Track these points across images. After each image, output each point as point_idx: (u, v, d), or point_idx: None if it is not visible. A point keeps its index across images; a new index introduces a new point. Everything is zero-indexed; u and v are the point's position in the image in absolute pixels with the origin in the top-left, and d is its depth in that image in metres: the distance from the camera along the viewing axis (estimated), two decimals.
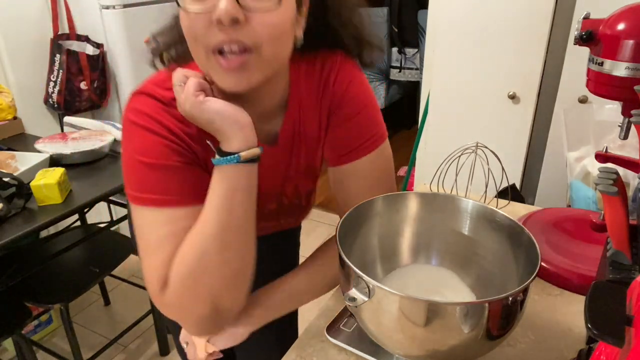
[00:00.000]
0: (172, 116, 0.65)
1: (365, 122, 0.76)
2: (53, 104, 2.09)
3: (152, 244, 0.64)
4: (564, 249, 0.86)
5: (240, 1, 0.56)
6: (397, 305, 0.53)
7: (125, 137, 0.66)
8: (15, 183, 1.31)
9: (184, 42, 0.64)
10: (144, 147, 0.64)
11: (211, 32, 0.57)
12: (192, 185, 0.65)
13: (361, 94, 0.76)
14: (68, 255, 1.70)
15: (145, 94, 0.66)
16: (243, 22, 0.57)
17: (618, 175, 0.54)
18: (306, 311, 0.88)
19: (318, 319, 0.77)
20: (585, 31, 0.67)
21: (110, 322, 2.06)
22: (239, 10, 0.56)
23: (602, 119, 1.14)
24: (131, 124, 0.65)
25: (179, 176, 0.64)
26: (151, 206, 0.64)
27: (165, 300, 0.64)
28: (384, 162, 0.79)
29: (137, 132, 0.64)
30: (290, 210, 0.87)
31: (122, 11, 2.01)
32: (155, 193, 0.63)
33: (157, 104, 0.65)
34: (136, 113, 0.65)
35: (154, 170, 0.63)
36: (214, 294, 0.64)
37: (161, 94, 0.65)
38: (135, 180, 0.65)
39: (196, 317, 0.66)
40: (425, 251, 0.74)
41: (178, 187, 0.64)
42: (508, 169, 0.93)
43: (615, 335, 0.35)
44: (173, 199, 0.64)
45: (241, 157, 0.60)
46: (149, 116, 0.64)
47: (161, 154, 0.63)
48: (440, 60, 1.74)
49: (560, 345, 0.70)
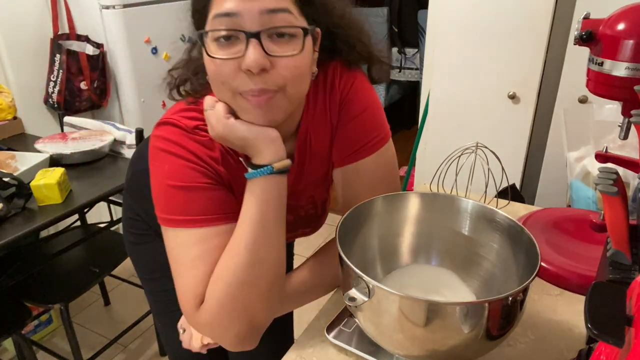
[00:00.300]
0: (196, 142, 0.68)
1: (370, 122, 0.77)
2: (53, 104, 2.08)
3: (185, 264, 0.67)
4: (564, 249, 0.86)
5: (267, 50, 0.59)
6: (397, 305, 0.53)
7: (154, 163, 0.69)
8: (15, 183, 1.31)
9: (199, 76, 0.69)
10: (172, 171, 0.67)
11: (238, 77, 0.61)
12: (220, 205, 0.68)
13: (365, 94, 0.77)
14: (68, 255, 1.70)
15: (169, 124, 0.69)
16: (269, 68, 0.60)
17: (618, 175, 0.54)
18: (306, 311, 0.88)
19: (318, 319, 0.77)
20: (585, 31, 0.67)
21: (110, 322, 2.06)
22: (266, 60, 0.59)
23: (602, 119, 1.14)
24: (159, 151, 0.68)
25: (207, 197, 0.67)
26: (182, 227, 0.66)
27: (201, 319, 0.66)
28: (388, 162, 0.79)
29: (165, 157, 0.67)
30: (306, 220, 0.88)
31: (122, 11, 2.01)
32: (185, 214, 0.66)
33: (181, 132, 0.68)
34: (163, 140, 0.68)
35: (183, 192, 0.66)
36: (249, 309, 0.66)
37: (185, 123, 0.68)
38: (165, 203, 0.68)
39: (233, 333, 0.67)
40: (425, 251, 0.74)
41: (206, 207, 0.67)
42: (508, 169, 0.93)
43: (615, 335, 0.35)
44: (202, 219, 0.66)
45: (274, 168, 0.64)
46: (175, 143, 0.67)
47: (188, 176, 0.66)
48: (440, 60, 1.74)
49: (560, 345, 0.70)
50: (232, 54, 0.60)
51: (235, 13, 0.58)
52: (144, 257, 0.99)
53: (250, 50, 0.58)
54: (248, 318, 0.67)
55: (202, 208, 0.66)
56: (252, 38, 0.58)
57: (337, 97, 0.76)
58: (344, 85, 0.75)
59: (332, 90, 0.75)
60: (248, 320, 0.67)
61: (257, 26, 0.59)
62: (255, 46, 0.58)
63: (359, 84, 0.76)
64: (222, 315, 0.65)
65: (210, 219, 0.66)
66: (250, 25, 0.59)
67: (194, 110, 0.70)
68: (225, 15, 0.59)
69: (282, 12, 0.60)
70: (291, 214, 0.83)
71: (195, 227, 0.66)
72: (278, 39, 0.60)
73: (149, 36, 2.11)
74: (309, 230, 0.92)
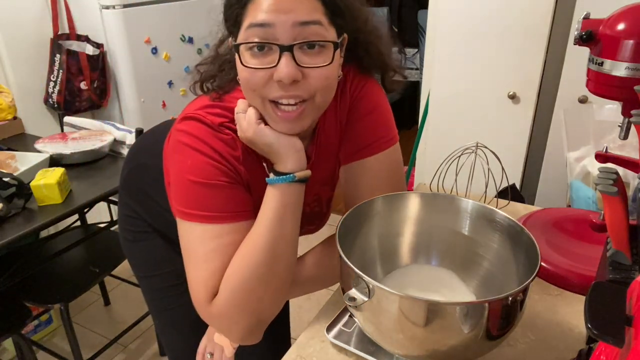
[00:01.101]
0: (220, 140, 0.69)
1: (378, 122, 0.79)
2: (53, 104, 2.08)
3: (200, 257, 0.68)
4: (564, 249, 0.86)
5: (299, 61, 0.62)
6: (397, 305, 0.53)
7: (177, 157, 0.70)
8: (15, 183, 1.31)
9: (224, 73, 0.71)
10: (194, 167, 0.68)
11: (270, 86, 0.63)
12: (237, 203, 0.70)
13: (375, 96, 0.79)
14: (68, 255, 1.70)
15: (195, 119, 0.70)
16: (300, 79, 0.62)
17: (618, 175, 0.54)
18: (306, 311, 0.88)
19: (318, 319, 0.77)
20: (585, 31, 0.67)
21: (110, 322, 2.06)
22: (298, 72, 0.62)
23: (602, 119, 1.14)
24: (184, 146, 0.69)
25: (226, 194, 0.69)
26: (199, 222, 0.68)
27: (212, 311, 0.68)
28: (393, 164, 0.80)
29: (189, 152, 0.69)
30: (311, 217, 0.89)
31: (122, 11, 2.01)
32: (203, 210, 0.68)
33: (206, 129, 0.69)
34: (188, 136, 0.69)
35: (203, 188, 0.68)
36: (260, 305, 0.69)
37: (210, 119, 0.69)
38: (184, 198, 0.69)
39: (241, 327, 0.70)
40: (425, 251, 0.74)
41: (224, 204, 0.68)
42: (508, 169, 0.93)
43: (615, 335, 0.35)
44: (220, 216, 0.68)
45: (296, 176, 0.68)
46: (200, 139, 0.69)
47: (210, 173, 0.68)
48: (440, 60, 1.74)
49: (560, 345, 0.70)
50: (265, 64, 0.62)
51: (269, 24, 0.60)
52: (141, 255, 0.99)
53: (283, 62, 0.61)
54: (258, 313, 0.69)
55: (220, 205, 0.68)
56: (286, 51, 0.61)
57: (347, 101, 0.77)
58: (355, 87, 0.77)
59: (343, 93, 0.77)
60: (257, 315, 0.69)
61: (290, 39, 0.61)
62: (288, 58, 0.61)
63: (370, 87, 0.78)
64: (234, 308, 0.67)
65: (227, 216, 0.68)
66: (283, 36, 0.61)
67: (218, 107, 0.71)
68: (260, 26, 0.61)
69: (314, 24, 0.62)
70: None
71: (212, 223, 0.68)
72: (309, 49, 0.62)
73: (149, 36, 2.11)
74: (313, 227, 0.92)
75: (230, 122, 0.70)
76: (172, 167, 0.72)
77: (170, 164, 0.73)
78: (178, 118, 0.72)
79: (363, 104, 0.77)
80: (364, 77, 0.78)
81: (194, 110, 0.71)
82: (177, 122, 0.72)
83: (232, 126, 0.70)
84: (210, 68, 0.74)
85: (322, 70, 0.64)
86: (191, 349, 0.89)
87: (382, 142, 0.78)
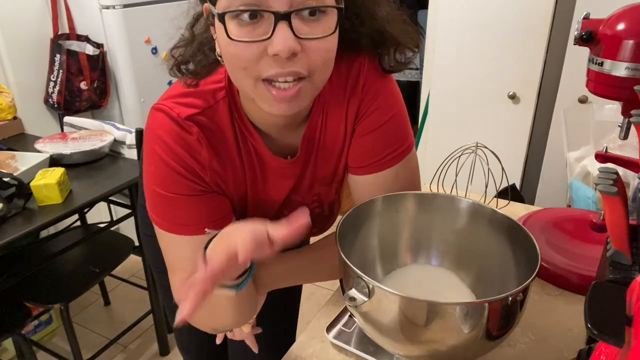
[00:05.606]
0: (183, 144, 0.63)
1: (392, 132, 0.72)
2: (53, 104, 2.08)
3: (175, 264, 0.68)
4: (564, 249, 0.86)
5: (297, 32, 0.52)
6: (397, 305, 0.53)
7: (145, 158, 0.67)
8: (15, 183, 1.31)
9: (201, 55, 0.63)
10: (157, 176, 0.65)
11: (264, 62, 0.54)
12: (206, 213, 0.66)
13: (390, 102, 0.71)
14: (68, 255, 1.70)
15: (163, 111, 0.64)
16: (299, 52, 0.53)
17: (618, 175, 0.54)
18: (306, 311, 0.88)
19: (318, 319, 0.77)
20: (585, 31, 0.67)
21: (110, 322, 2.06)
22: (297, 44, 0.52)
23: (602, 119, 1.14)
24: (149, 148, 0.65)
25: (190, 207, 0.65)
26: (166, 230, 0.66)
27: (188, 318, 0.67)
28: (409, 174, 0.76)
29: (153, 158, 0.65)
30: (312, 220, 0.86)
31: (122, 11, 2.01)
32: (171, 222, 0.65)
33: (172, 126, 0.63)
34: (154, 138, 0.64)
35: (168, 201, 0.65)
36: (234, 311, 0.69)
37: (177, 112, 0.64)
38: (153, 206, 0.67)
39: (223, 325, 0.73)
40: (425, 251, 0.74)
41: (190, 216, 0.65)
42: (508, 169, 0.93)
43: (615, 335, 0.35)
44: (187, 228, 0.65)
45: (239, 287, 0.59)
46: (164, 142, 0.63)
47: (172, 186, 0.64)
48: (440, 60, 1.74)
49: (560, 345, 0.70)
50: (257, 36, 0.52)
51: None
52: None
53: (279, 33, 0.51)
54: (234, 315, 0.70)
55: (187, 217, 0.65)
56: (282, 20, 0.51)
57: (357, 102, 0.70)
58: (368, 89, 0.69)
59: (354, 92, 0.69)
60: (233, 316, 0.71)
61: (287, 5, 0.51)
62: (285, 28, 0.51)
63: (385, 91, 0.70)
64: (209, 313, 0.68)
65: (195, 229, 0.65)
66: (279, 2, 0.51)
67: (191, 95, 0.65)
68: None
69: None
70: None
71: (180, 235, 0.65)
72: (308, 17, 0.53)
73: (149, 36, 2.11)
74: (316, 230, 0.90)
75: (201, 112, 0.64)
76: (143, 168, 0.67)
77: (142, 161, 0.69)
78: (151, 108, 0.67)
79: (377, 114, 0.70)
80: (379, 77, 0.70)
81: (164, 100, 0.65)
82: (149, 112, 0.67)
83: (202, 119, 0.64)
84: (185, 51, 0.66)
85: (324, 43, 0.54)
86: (207, 347, 0.88)
87: (396, 155, 0.72)
